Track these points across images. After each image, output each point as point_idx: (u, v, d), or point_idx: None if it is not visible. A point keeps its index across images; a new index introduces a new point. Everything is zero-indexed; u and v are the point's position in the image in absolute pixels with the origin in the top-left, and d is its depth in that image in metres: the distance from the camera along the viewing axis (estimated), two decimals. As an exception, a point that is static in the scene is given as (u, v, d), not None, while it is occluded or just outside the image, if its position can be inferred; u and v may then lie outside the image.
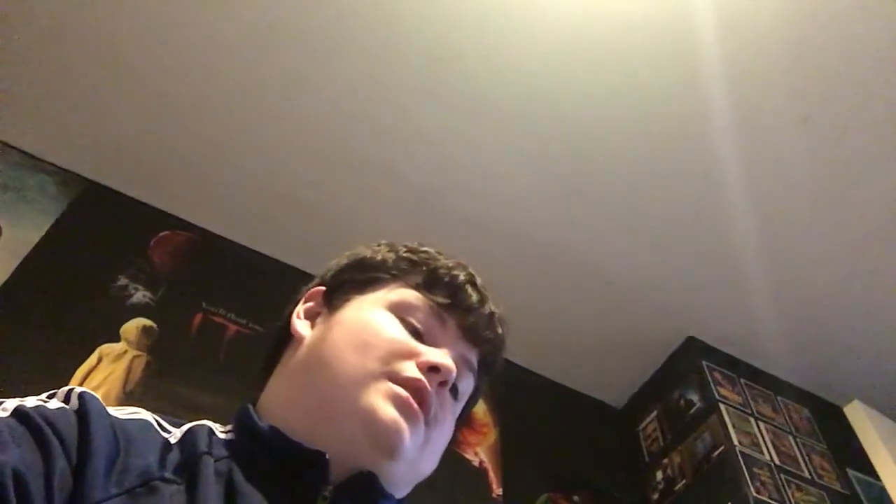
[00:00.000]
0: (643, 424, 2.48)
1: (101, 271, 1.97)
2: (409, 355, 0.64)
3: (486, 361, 0.73)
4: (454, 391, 0.69)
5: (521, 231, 2.20)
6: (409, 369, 0.62)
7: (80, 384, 1.53)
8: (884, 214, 2.10)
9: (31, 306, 1.80)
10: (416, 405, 0.61)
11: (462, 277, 0.72)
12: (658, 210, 2.13)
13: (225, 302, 2.07)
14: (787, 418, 2.36)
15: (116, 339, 1.84)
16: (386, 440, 0.59)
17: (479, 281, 0.74)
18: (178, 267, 2.11)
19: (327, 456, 0.57)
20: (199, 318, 2.01)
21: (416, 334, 0.67)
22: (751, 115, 1.92)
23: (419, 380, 0.62)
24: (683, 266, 2.26)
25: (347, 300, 0.71)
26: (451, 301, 0.70)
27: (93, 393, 0.53)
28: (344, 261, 0.77)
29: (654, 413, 2.45)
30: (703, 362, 2.37)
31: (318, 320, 0.71)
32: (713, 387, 2.27)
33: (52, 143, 2.10)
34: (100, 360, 1.77)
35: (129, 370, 1.79)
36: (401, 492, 0.65)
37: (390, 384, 0.61)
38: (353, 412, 0.60)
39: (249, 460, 0.57)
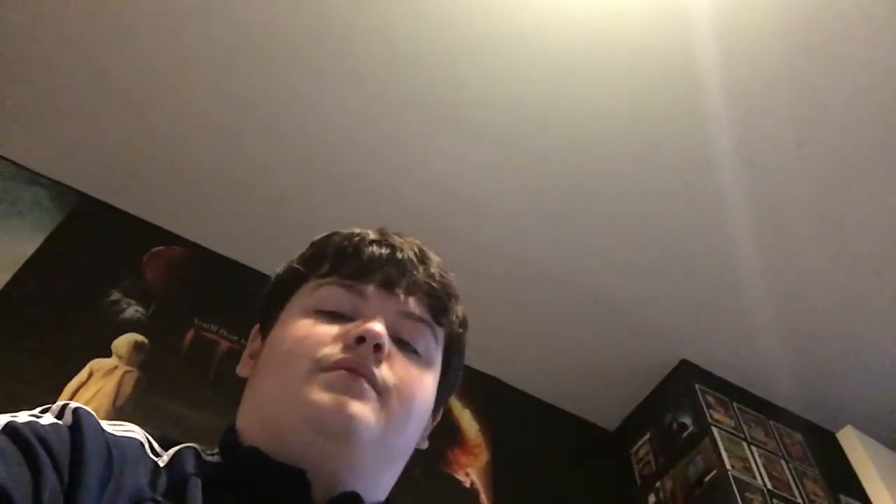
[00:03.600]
0: (636, 447, 2.47)
1: (93, 286, 1.96)
2: (333, 340, 0.62)
3: (433, 304, 0.69)
4: (410, 350, 0.66)
5: (515, 253, 2.20)
6: (335, 353, 0.61)
7: (71, 399, 1.51)
8: (879, 240, 2.11)
9: (22, 320, 1.79)
10: (354, 374, 0.59)
11: (366, 239, 0.71)
12: (652, 233, 2.14)
13: (217, 318, 2.06)
14: (780, 443, 2.36)
15: (108, 353, 1.83)
16: (335, 426, 0.57)
17: (387, 234, 0.72)
18: (170, 282, 2.11)
19: (308, 474, 0.56)
20: (191, 333, 2.00)
21: (342, 319, 0.65)
22: (748, 141, 1.93)
23: (345, 358, 0.60)
24: (677, 289, 2.26)
25: (273, 324, 0.70)
26: (358, 268, 0.67)
27: (87, 409, 0.53)
28: (265, 291, 0.75)
29: (647, 436, 2.44)
30: (697, 386, 2.36)
31: (261, 355, 0.71)
32: (706, 410, 2.26)
33: (47, 156, 2.10)
34: (90, 374, 1.76)
35: (119, 386, 1.77)
36: (384, 476, 0.64)
37: (320, 374, 0.59)
38: (296, 417, 0.58)
39: (235, 482, 0.57)
